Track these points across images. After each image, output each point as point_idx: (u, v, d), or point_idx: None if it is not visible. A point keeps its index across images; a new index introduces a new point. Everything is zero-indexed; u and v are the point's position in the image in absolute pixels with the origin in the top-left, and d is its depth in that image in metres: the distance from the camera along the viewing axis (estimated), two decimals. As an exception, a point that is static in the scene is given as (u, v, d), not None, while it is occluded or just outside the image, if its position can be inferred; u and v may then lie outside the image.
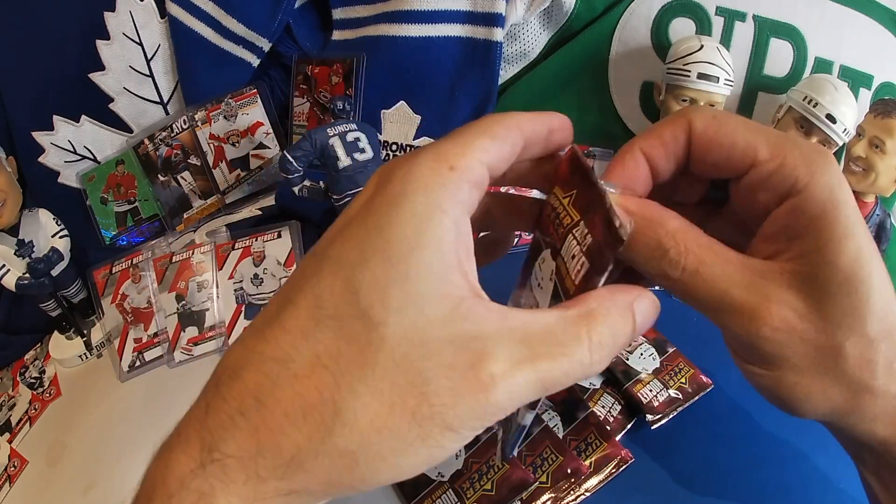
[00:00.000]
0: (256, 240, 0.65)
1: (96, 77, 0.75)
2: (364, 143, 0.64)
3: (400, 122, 0.77)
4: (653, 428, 0.48)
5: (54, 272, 0.64)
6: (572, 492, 0.44)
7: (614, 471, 0.45)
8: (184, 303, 0.64)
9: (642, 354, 0.52)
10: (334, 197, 0.64)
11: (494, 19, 0.71)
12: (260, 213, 0.77)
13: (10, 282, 0.62)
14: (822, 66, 0.65)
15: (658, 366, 0.51)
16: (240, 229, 0.68)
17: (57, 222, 0.66)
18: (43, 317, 0.68)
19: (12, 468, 0.59)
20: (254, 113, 0.80)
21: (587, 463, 0.45)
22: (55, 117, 0.75)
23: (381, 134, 0.77)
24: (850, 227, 0.21)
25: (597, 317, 0.21)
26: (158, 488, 0.20)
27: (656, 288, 0.26)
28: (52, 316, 0.67)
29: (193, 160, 0.79)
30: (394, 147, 0.77)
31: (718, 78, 0.59)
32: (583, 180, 0.23)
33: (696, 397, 0.49)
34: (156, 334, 0.63)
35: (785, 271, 0.22)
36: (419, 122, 0.76)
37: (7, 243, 0.63)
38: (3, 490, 0.58)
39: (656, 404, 0.48)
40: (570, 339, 0.20)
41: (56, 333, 0.68)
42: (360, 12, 0.77)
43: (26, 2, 0.73)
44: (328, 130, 0.63)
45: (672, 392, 0.49)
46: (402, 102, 0.76)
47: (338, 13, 0.79)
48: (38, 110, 0.75)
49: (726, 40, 0.67)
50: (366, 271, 0.20)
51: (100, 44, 0.74)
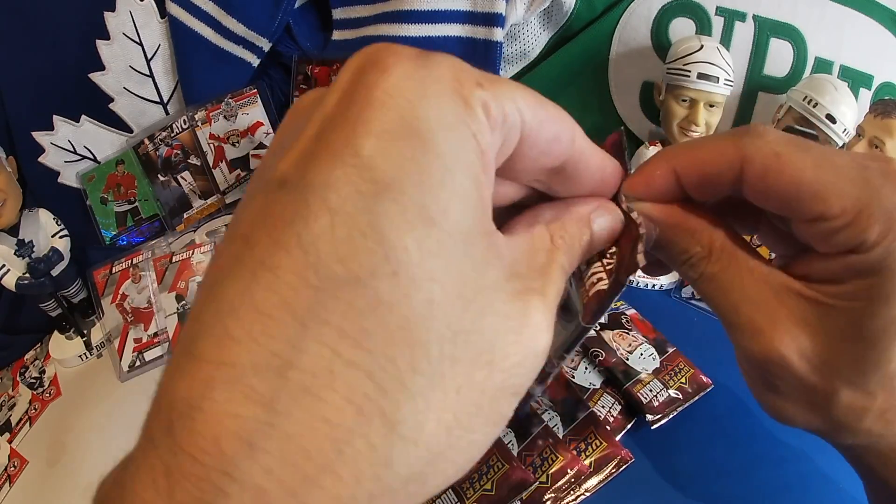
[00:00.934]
0: (256, 240, 0.65)
1: (96, 77, 0.75)
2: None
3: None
4: (653, 428, 0.48)
5: (54, 272, 0.64)
6: (572, 492, 0.44)
7: (614, 471, 0.45)
8: (184, 303, 0.64)
9: (642, 354, 0.52)
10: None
11: (494, 19, 0.71)
12: (260, 213, 0.76)
13: (10, 282, 0.62)
14: (822, 66, 0.65)
15: (658, 366, 0.51)
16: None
17: (57, 222, 0.66)
18: (43, 317, 0.68)
19: (12, 468, 0.59)
20: (254, 113, 0.80)
21: (587, 463, 0.45)
22: (55, 117, 0.75)
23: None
24: (893, 295, 0.19)
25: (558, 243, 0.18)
26: None
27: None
28: (52, 316, 0.67)
29: (193, 160, 0.79)
30: (394, 147, 0.77)
31: (718, 78, 0.59)
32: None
33: (696, 397, 0.49)
34: (156, 334, 0.63)
35: (806, 298, 0.20)
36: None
37: (7, 243, 0.63)
38: (3, 490, 0.58)
39: (656, 404, 0.48)
40: (549, 250, 0.18)
41: (56, 333, 0.68)
42: (361, 12, 0.77)
43: (26, 2, 0.73)
44: (328, 130, 0.63)
45: (672, 392, 0.49)
46: (402, 102, 0.76)
47: (338, 13, 0.79)
48: (38, 110, 0.75)
49: (726, 40, 0.67)
50: (386, 202, 0.13)
51: (100, 44, 0.74)
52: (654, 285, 0.60)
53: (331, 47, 0.80)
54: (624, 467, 0.45)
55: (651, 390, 0.49)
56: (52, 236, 0.65)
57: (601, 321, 0.56)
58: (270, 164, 0.14)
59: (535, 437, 0.46)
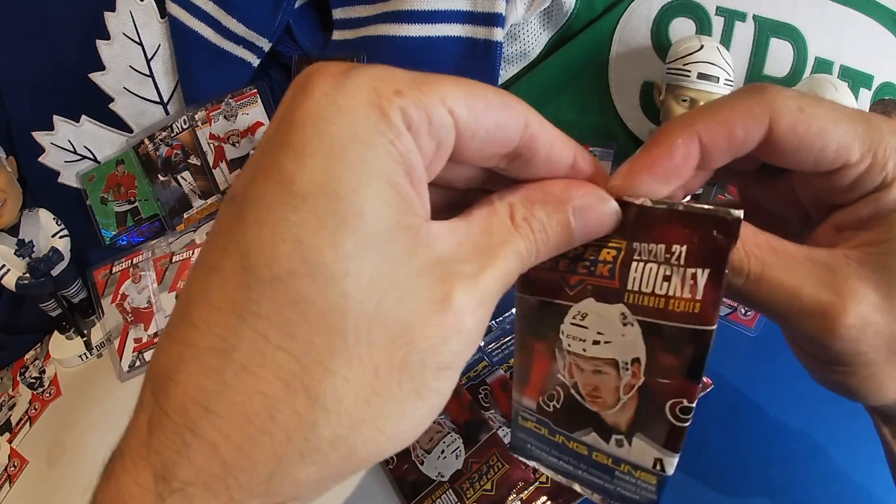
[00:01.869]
0: (256, 240, 0.65)
1: (96, 77, 0.75)
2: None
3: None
4: (653, 428, 0.48)
5: (54, 272, 0.64)
6: (572, 491, 0.44)
7: (614, 471, 0.45)
8: (184, 303, 0.64)
9: (642, 354, 0.52)
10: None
11: (494, 19, 0.71)
12: (260, 213, 0.76)
13: (10, 282, 0.62)
14: (823, 66, 0.65)
15: (658, 366, 0.51)
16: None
17: (57, 222, 0.66)
18: (43, 317, 0.68)
19: (12, 468, 0.59)
20: (254, 113, 0.80)
21: (587, 463, 0.45)
22: (55, 117, 0.75)
23: (381, 134, 0.77)
24: None
25: (536, 209, 0.19)
26: None
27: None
28: (52, 316, 0.67)
29: (193, 160, 0.79)
30: (394, 147, 0.77)
31: (718, 78, 0.59)
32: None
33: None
34: (156, 334, 0.63)
35: (854, 260, 0.21)
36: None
37: (7, 243, 0.63)
38: (3, 490, 0.58)
39: (656, 404, 0.48)
40: (505, 232, 0.19)
41: (56, 333, 0.68)
42: (361, 12, 0.77)
43: (26, 2, 0.73)
44: (328, 130, 0.63)
45: (672, 392, 0.49)
46: (402, 102, 0.76)
47: (338, 13, 0.79)
48: (38, 110, 0.75)
49: (726, 40, 0.67)
50: (304, 212, 0.15)
51: (100, 44, 0.74)
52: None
53: (331, 47, 0.80)
54: (624, 467, 0.45)
55: (651, 390, 0.49)
56: (52, 236, 0.65)
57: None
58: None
59: (535, 437, 0.46)
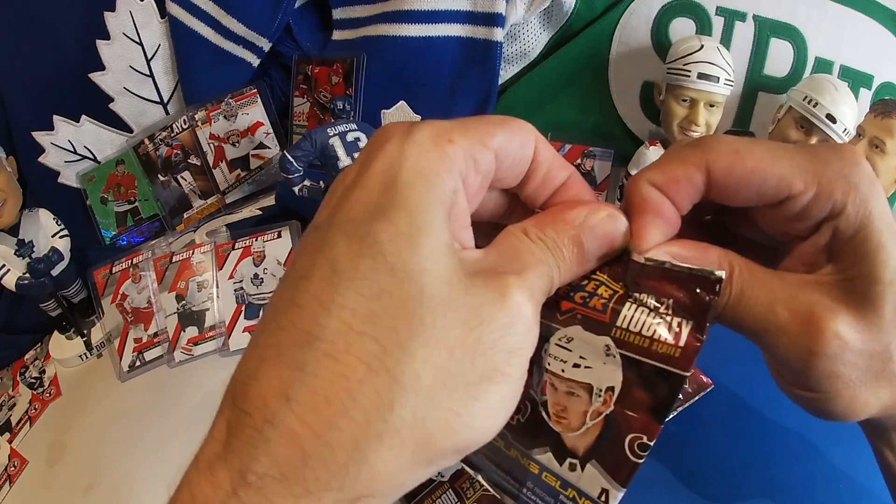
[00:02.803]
0: (256, 240, 0.65)
1: (96, 77, 0.75)
2: (364, 142, 0.64)
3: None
4: (653, 428, 0.48)
5: (54, 272, 0.64)
6: (572, 492, 0.44)
7: (614, 471, 0.45)
8: (184, 303, 0.64)
9: (642, 354, 0.52)
10: (334, 197, 0.64)
11: (494, 19, 0.71)
12: (260, 213, 0.77)
13: (10, 282, 0.62)
14: (823, 66, 0.65)
15: (658, 366, 0.51)
16: (240, 229, 0.68)
17: (57, 222, 0.66)
18: (43, 317, 0.68)
19: (12, 468, 0.59)
20: (254, 113, 0.80)
21: (587, 463, 0.45)
22: (55, 117, 0.75)
23: (381, 134, 0.77)
24: (886, 241, 0.21)
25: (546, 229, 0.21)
26: None
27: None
28: (52, 316, 0.67)
29: (193, 160, 0.79)
30: (394, 147, 0.77)
31: (718, 78, 0.59)
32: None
33: (696, 397, 0.49)
34: (156, 334, 0.63)
35: (826, 283, 0.22)
36: (419, 122, 0.76)
37: (7, 243, 0.63)
38: (3, 490, 0.58)
39: (656, 404, 0.48)
40: (527, 252, 0.21)
41: (56, 333, 0.68)
42: (360, 12, 0.77)
43: (26, 2, 0.73)
44: (328, 130, 0.63)
45: (672, 392, 0.49)
46: (402, 102, 0.76)
47: (338, 13, 0.79)
48: (38, 110, 0.75)
49: (726, 40, 0.67)
50: (384, 223, 0.18)
51: (100, 44, 0.74)
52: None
53: (331, 47, 0.80)
54: (624, 467, 0.45)
55: (651, 390, 0.49)
56: (52, 236, 0.65)
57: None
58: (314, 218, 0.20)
59: (535, 437, 0.46)
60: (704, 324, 0.20)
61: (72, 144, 0.77)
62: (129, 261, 0.66)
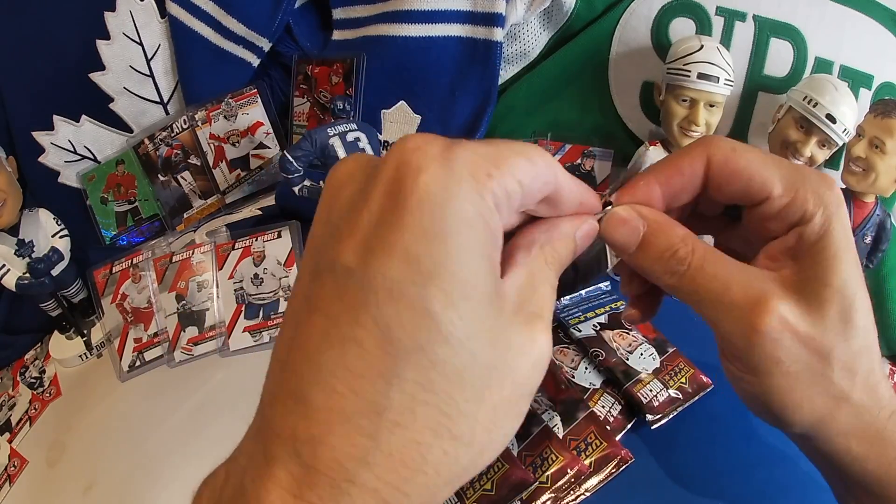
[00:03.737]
0: (256, 240, 0.65)
1: (96, 77, 0.75)
2: (364, 142, 0.64)
3: (400, 121, 0.77)
4: (653, 428, 0.48)
5: (54, 272, 0.64)
6: (572, 492, 0.44)
7: (614, 471, 0.45)
8: (184, 303, 0.64)
9: (642, 354, 0.52)
10: (334, 197, 0.64)
11: (494, 19, 0.71)
12: (260, 213, 0.77)
13: (10, 282, 0.62)
14: (823, 66, 0.65)
15: (658, 366, 0.51)
16: (240, 229, 0.68)
17: (57, 222, 0.66)
18: (43, 317, 0.68)
19: (12, 468, 0.59)
20: (254, 113, 0.80)
21: (587, 463, 0.45)
22: (55, 117, 0.75)
23: (381, 134, 0.77)
24: (842, 254, 0.24)
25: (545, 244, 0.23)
26: None
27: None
28: (52, 316, 0.67)
29: (193, 160, 0.79)
30: (394, 147, 0.77)
31: (718, 78, 0.59)
32: None
33: (696, 397, 0.49)
34: (156, 334, 0.63)
35: (783, 278, 0.25)
36: (419, 122, 0.76)
37: (7, 243, 0.63)
38: (3, 490, 0.58)
39: (656, 404, 0.48)
40: (540, 271, 0.23)
41: (56, 333, 0.68)
42: (360, 12, 0.77)
43: (26, 2, 0.73)
44: (328, 130, 0.63)
45: (672, 392, 0.49)
46: (402, 102, 0.76)
47: (338, 13, 0.79)
48: (38, 110, 0.75)
49: (726, 40, 0.67)
50: (433, 289, 0.18)
51: (100, 44, 0.74)
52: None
53: (331, 47, 0.80)
54: (624, 467, 0.45)
55: (651, 390, 0.49)
56: (52, 236, 0.65)
57: (601, 321, 0.56)
58: (327, 243, 0.20)
59: (535, 437, 0.46)
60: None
61: (72, 144, 0.77)
62: (129, 261, 0.66)
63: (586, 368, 0.53)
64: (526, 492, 0.43)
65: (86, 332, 0.68)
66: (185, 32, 0.76)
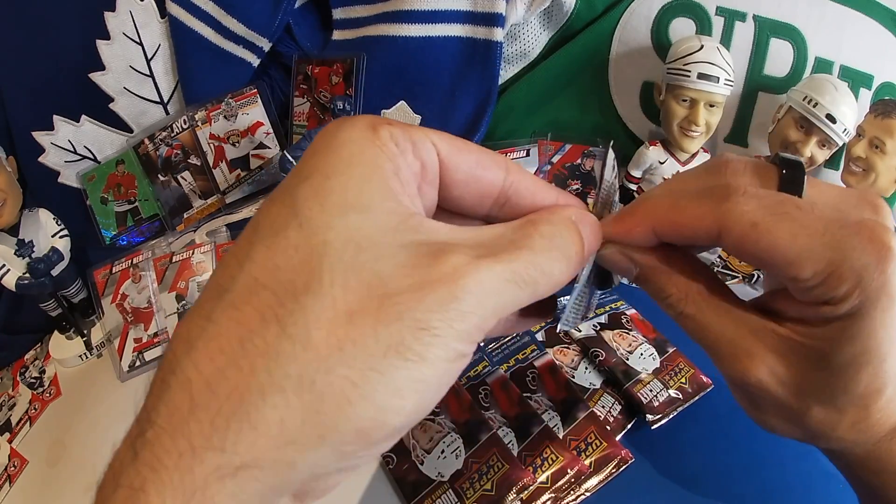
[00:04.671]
0: (256, 240, 0.65)
1: (96, 77, 0.75)
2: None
3: (400, 121, 0.77)
4: (653, 428, 0.48)
5: (54, 272, 0.64)
6: (572, 492, 0.44)
7: (614, 471, 0.45)
8: (184, 303, 0.64)
9: (642, 354, 0.52)
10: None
11: (494, 19, 0.71)
12: (260, 213, 0.76)
13: (10, 282, 0.62)
14: (823, 66, 0.65)
15: (658, 366, 0.51)
16: (240, 229, 0.68)
17: (57, 222, 0.66)
18: (43, 317, 0.68)
19: (12, 468, 0.59)
20: (254, 113, 0.80)
21: (587, 463, 0.45)
22: (55, 117, 0.75)
23: (381, 134, 0.77)
24: (870, 357, 0.21)
25: (540, 220, 0.21)
26: (99, 490, 0.17)
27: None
28: (52, 316, 0.67)
29: (193, 160, 0.79)
30: (394, 147, 0.77)
31: (718, 78, 0.59)
32: None
33: (696, 397, 0.49)
34: (156, 334, 0.63)
35: (778, 335, 0.23)
36: (419, 122, 0.76)
37: (7, 243, 0.63)
38: (3, 490, 0.58)
39: (656, 404, 0.48)
40: (521, 237, 0.20)
41: (56, 333, 0.68)
42: (360, 12, 0.77)
43: (26, 2, 0.73)
44: (328, 130, 0.63)
45: (672, 392, 0.49)
46: (402, 102, 0.76)
47: (338, 13, 0.79)
48: (38, 110, 0.75)
49: (726, 40, 0.67)
50: (303, 186, 0.18)
51: (100, 44, 0.74)
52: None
53: (331, 47, 0.80)
54: (624, 467, 0.45)
55: (651, 390, 0.49)
56: (52, 236, 0.65)
57: (602, 321, 0.56)
58: None
59: (536, 437, 0.46)
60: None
61: (72, 144, 0.77)
62: (129, 261, 0.66)
63: (586, 368, 0.53)
64: (526, 492, 0.43)
65: (86, 332, 0.68)
66: (185, 32, 0.76)
